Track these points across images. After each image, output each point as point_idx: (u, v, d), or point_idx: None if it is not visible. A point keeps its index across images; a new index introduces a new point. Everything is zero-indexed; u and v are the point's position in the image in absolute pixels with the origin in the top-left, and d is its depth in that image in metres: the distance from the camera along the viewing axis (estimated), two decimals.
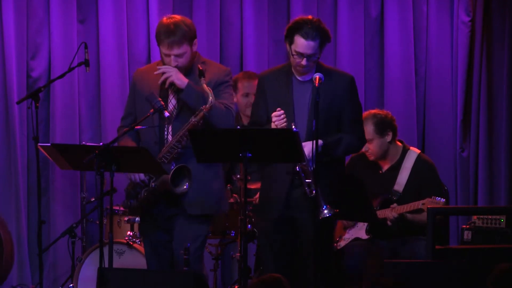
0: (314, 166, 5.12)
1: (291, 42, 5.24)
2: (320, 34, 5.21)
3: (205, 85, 5.24)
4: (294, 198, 5.32)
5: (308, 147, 5.15)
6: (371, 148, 6.18)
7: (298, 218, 5.31)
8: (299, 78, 5.36)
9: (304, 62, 5.22)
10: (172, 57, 5.32)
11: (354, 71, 6.93)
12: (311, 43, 5.20)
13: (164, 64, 5.38)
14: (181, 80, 5.29)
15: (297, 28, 5.22)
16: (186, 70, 5.37)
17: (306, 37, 5.19)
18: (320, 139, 5.16)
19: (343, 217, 5.95)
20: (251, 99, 6.63)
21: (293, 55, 5.24)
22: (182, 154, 5.31)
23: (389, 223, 5.99)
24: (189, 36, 5.33)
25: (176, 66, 5.32)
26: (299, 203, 5.29)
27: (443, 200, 5.91)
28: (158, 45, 5.38)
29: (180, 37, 5.29)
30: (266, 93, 5.41)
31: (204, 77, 5.25)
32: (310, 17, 5.26)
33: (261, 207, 5.58)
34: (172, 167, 5.30)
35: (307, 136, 5.26)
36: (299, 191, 5.28)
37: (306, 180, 5.21)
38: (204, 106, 5.24)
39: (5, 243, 6.71)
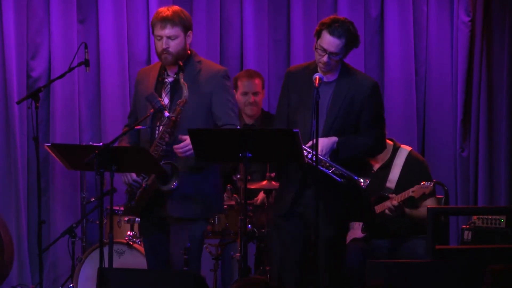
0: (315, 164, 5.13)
1: (318, 36, 5.28)
2: (347, 35, 5.24)
3: (182, 80, 5.22)
4: (306, 196, 5.30)
5: (322, 143, 5.18)
6: None
7: (308, 218, 5.29)
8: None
9: (325, 58, 5.25)
10: (164, 38, 5.27)
11: None
12: (336, 41, 5.22)
13: (156, 50, 5.33)
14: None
15: (327, 24, 5.26)
16: (177, 60, 5.30)
17: (332, 33, 5.22)
18: (335, 137, 5.25)
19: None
20: (250, 98, 6.66)
21: (317, 49, 5.28)
22: (170, 151, 5.26)
23: (387, 211, 5.98)
24: (184, 23, 5.29)
25: (166, 50, 5.28)
26: (309, 202, 5.26)
27: (431, 184, 5.90)
28: (153, 32, 5.34)
29: (175, 20, 5.26)
30: (289, 89, 5.44)
31: (183, 72, 5.23)
32: (343, 18, 5.31)
33: (274, 201, 5.62)
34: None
35: (322, 136, 5.26)
36: (311, 190, 5.26)
37: (330, 171, 5.22)
38: (179, 101, 5.23)
39: (5, 243, 6.71)
